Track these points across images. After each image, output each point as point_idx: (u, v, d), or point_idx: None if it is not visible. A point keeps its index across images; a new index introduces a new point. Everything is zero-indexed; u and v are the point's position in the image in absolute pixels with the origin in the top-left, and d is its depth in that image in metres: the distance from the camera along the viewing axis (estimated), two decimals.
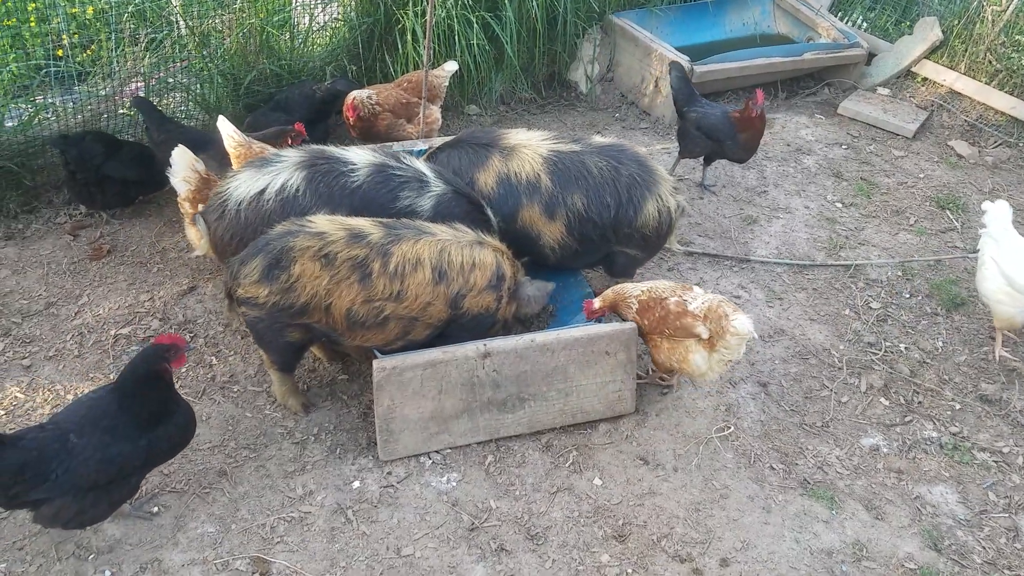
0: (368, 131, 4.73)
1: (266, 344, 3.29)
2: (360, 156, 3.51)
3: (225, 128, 3.84)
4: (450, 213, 3.47)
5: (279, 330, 3.18)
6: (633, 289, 3.53)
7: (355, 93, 4.66)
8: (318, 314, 3.14)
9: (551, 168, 3.67)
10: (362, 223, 3.21)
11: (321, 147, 3.64)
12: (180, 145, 3.78)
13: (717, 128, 4.78)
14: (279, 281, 3.07)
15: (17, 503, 2.55)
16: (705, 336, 3.31)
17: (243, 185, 3.37)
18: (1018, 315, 3.80)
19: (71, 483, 2.54)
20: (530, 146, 3.74)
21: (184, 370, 3.65)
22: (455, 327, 3.32)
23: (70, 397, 3.48)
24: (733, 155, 4.91)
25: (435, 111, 4.81)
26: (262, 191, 3.34)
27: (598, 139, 3.92)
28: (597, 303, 3.55)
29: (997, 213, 3.95)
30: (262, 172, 3.39)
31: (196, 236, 3.65)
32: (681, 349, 3.39)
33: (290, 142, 4.23)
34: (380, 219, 3.28)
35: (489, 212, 3.62)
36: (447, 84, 4.93)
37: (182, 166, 3.72)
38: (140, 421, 2.67)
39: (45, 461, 2.51)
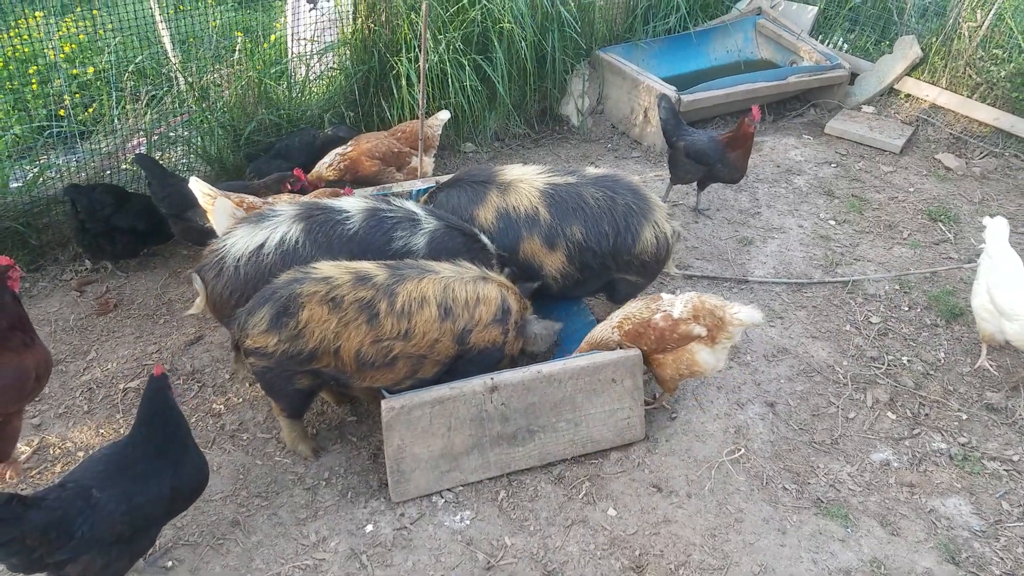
0: (355, 170, 4.77)
1: (275, 393, 3.31)
2: (352, 203, 3.59)
3: (197, 187, 3.90)
4: (444, 247, 3.54)
5: (288, 378, 3.21)
6: (605, 329, 3.57)
7: (326, 159, 4.70)
8: (327, 358, 3.17)
9: (548, 201, 3.75)
10: (367, 266, 3.26)
11: (314, 199, 3.71)
12: (222, 196, 3.84)
13: (706, 153, 4.88)
14: (288, 328, 3.10)
15: (40, 566, 2.53)
16: (704, 334, 3.41)
17: (241, 241, 3.41)
18: (998, 333, 3.86)
19: (96, 538, 2.54)
20: (526, 180, 3.82)
21: (194, 419, 3.67)
22: (463, 363, 3.35)
23: (81, 455, 3.49)
24: (724, 176, 5.00)
25: (427, 162, 4.87)
26: (261, 246, 3.38)
27: (592, 170, 4.00)
28: (583, 347, 3.61)
29: (995, 230, 4.02)
30: (259, 227, 3.44)
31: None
32: (686, 355, 3.47)
33: (289, 187, 4.32)
34: (384, 261, 3.34)
35: (484, 239, 3.67)
36: (440, 133, 5.01)
37: (224, 217, 3.75)
38: (159, 453, 2.69)
39: (69, 519, 2.50)
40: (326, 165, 4.69)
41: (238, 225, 3.52)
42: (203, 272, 3.46)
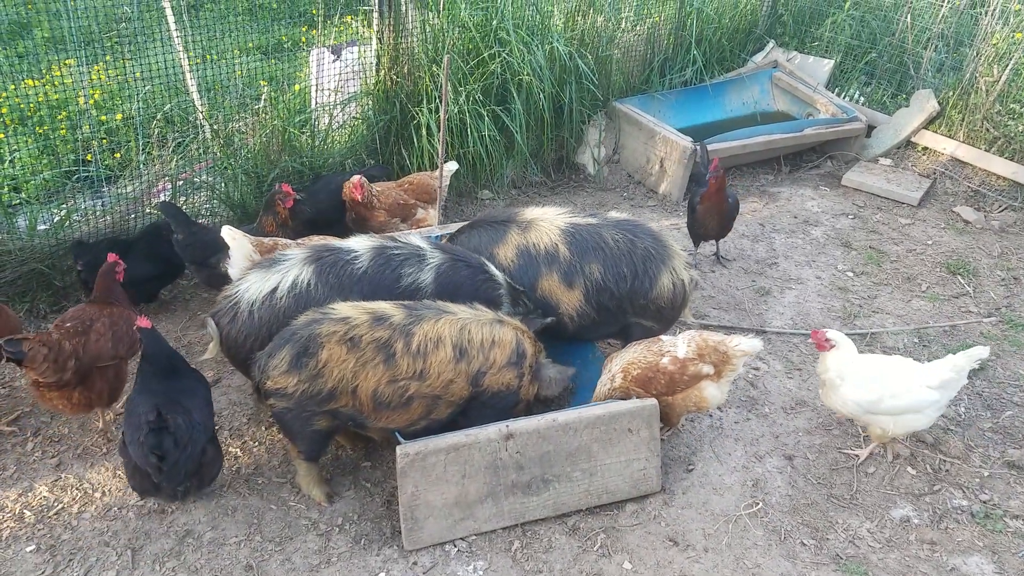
0: (363, 223, 4.76)
1: (294, 434, 3.33)
2: (359, 242, 3.63)
3: (229, 234, 3.95)
4: (451, 280, 3.56)
5: (308, 419, 3.24)
6: (611, 377, 3.55)
7: (361, 177, 4.72)
8: (345, 398, 3.20)
9: (569, 239, 3.79)
10: (384, 306, 3.30)
11: (323, 241, 3.77)
12: (241, 237, 3.90)
13: (691, 205, 5.07)
14: (308, 368, 3.14)
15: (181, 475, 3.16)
16: (712, 372, 3.46)
17: (254, 286, 3.47)
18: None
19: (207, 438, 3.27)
20: (547, 219, 3.88)
21: None
22: (476, 405, 3.36)
23: (98, 495, 3.51)
24: (695, 230, 5.12)
25: (432, 215, 4.90)
26: (274, 290, 3.44)
27: (613, 214, 4.05)
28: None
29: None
30: (271, 272, 3.50)
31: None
32: (695, 393, 3.50)
33: (280, 204, 4.44)
34: (402, 302, 3.38)
35: (491, 269, 3.68)
36: (448, 184, 5.05)
37: (240, 256, 3.82)
38: (178, 374, 3.42)
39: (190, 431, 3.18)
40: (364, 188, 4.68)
41: (250, 271, 3.58)
42: (217, 317, 3.51)
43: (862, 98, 6.91)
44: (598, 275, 3.76)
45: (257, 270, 3.55)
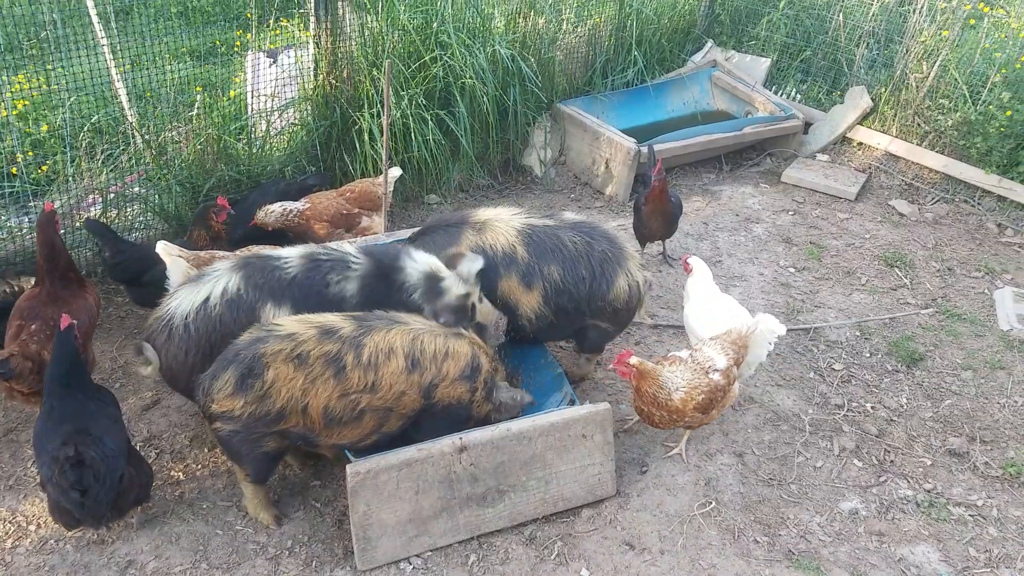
0: (303, 236, 4.61)
1: (241, 457, 3.22)
2: (291, 251, 3.55)
3: (164, 250, 3.84)
4: (374, 293, 3.46)
5: (256, 441, 3.13)
6: (670, 380, 3.47)
7: (275, 206, 4.54)
8: (295, 417, 3.10)
9: (526, 240, 3.75)
10: (332, 319, 3.21)
11: (251, 251, 3.66)
12: (177, 255, 3.78)
13: (636, 205, 5.12)
14: (254, 389, 3.04)
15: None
16: (738, 372, 3.64)
17: (185, 300, 3.35)
18: None
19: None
20: (502, 220, 3.83)
21: (152, 488, 3.53)
22: (427, 418, 3.29)
23: (32, 528, 3.34)
24: (641, 231, 5.15)
25: (377, 222, 4.80)
26: (206, 300, 3.34)
27: (568, 215, 4.03)
28: (634, 360, 3.44)
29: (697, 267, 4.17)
30: (200, 284, 3.40)
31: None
32: (730, 396, 3.61)
33: (214, 217, 4.34)
34: (350, 313, 3.29)
35: (411, 282, 3.52)
36: (392, 191, 4.97)
37: (179, 275, 3.70)
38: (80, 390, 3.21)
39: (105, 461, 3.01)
40: (274, 215, 4.52)
41: (178, 288, 3.47)
42: (152, 338, 3.37)
43: (799, 96, 7.06)
44: (557, 277, 3.73)
45: (184, 286, 3.44)
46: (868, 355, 4.54)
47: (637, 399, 3.53)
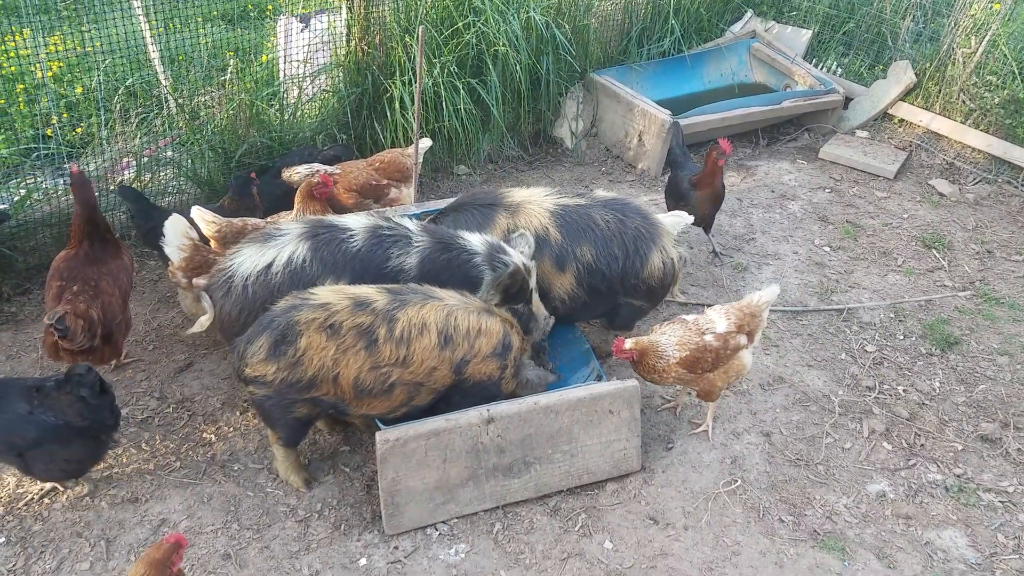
0: (332, 205, 4.59)
1: (273, 422, 3.27)
2: (356, 221, 3.55)
3: (200, 215, 3.89)
4: (434, 265, 3.47)
5: (287, 407, 3.17)
6: (668, 345, 3.47)
7: (301, 168, 4.49)
8: (326, 386, 3.13)
9: (559, 222, 3.73)
10: (366, 291, 3.22)
11: (319, 217, 3.66)
12: (174, 213, 3.80)
13: (678, 187, 4.82)
14: (286, 356, 3.07)
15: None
16: (746, 342, 3.53)
17: (248, 260, 3.39)
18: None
19: None
20: (535, 201, 3.80)
21: (184, 449, 3.61)
22: (457, 393, 3.31)
23: (68, 486, 3.42)
24: (695, 218, 4.84)
25: (405, 194, 4.78)
26: (269, 265, 3.37)
27: (601, 193, 3.99)
28: (629, 344, 3.46)
29: None
30: (267, 246, 3.42)
31: (192, 306, 3.65)
32: (736, 364, 3.56)
33: (254, 190, 4.38)
34: (385, 285, 3.30)
35: (469, 241, 3.54)
36: (421, 162, 4.93)
37: (176, 235, 3.72)
38: None
39: None
40: (299, 175, 4.44)
41: (245, 244, 3.50)
42: (211, 291, 3.43)
43: (840, 69, 6.87)
44: (590, 257, 3.71)
45: (251, 244, 3.47)
46: (902, 337, 4.47)
47: (640, 371, 3.55)
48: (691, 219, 4.11)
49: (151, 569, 2.43)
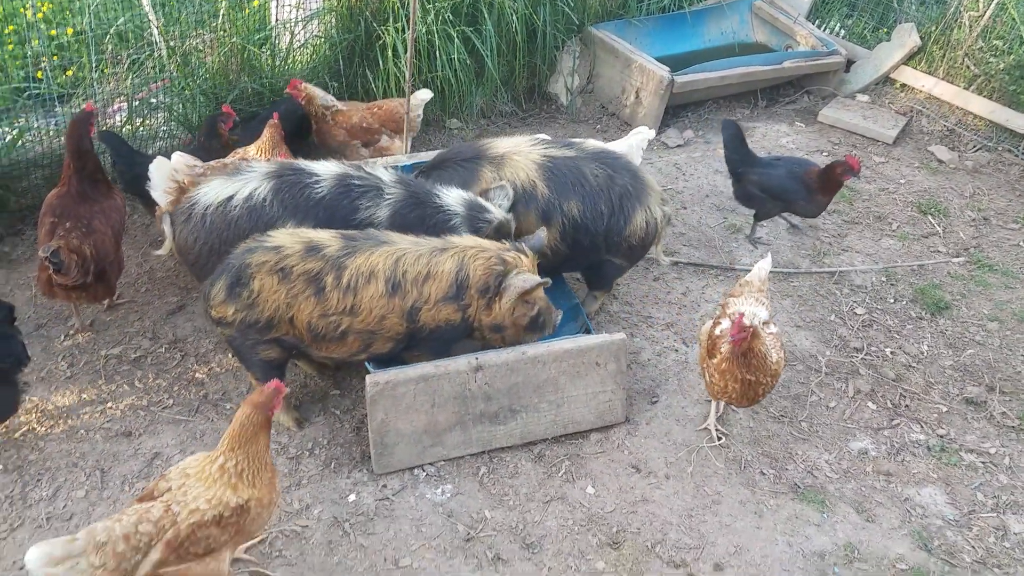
0: (322, 138, 4.78)
1: (245, 361, 3.32)
2: (326, 168, 3.52)
3: (182, 161, 3.74)
4: (406, 220, 3.42)
5: (252, 347, 3.20)
6: (769, 338, 3.27)
7: (317, 90, 4.66)
8: (284, 327, 3.14)
9: (546, 174, 3.66)
10: (322, 236, 3.18)
11: (291, 160, 3.63)
12: (159, 156, 3.73)
13: (786, 190, 4.55)
14: (241, 298, 3.08)
15: None
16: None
17: (212, 192, 3.41)
18: None
19: None
20: (521, 152, 3.72)
21: (176, 388, 3.65)
22: (420, 340, 3.26)
23: (63, 418, 3.47)
24: (804, 213, 4.73)
25: (398, 144, 4.75)
26: (230, 198, 3.37)
27: (591, 143, 3.93)
28: (748, 320, 3.10)
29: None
30: (232, 180, 3.43)
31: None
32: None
33: (222, 126, 4.35)
34: (343, 231, 3.25)
35: (445, 199, 3.47)
36: (421, 116, 4.89)
37: (162, 178, 3.64)
38: None
39: None
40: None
41: (215, 176, 3.50)
42: (174, 216, 3.45)
43: (843, 31, 6.78)
44: (576, 213, 3.66)
45: (221, 177, 3.48)
46: (892, 301, 4.48)
47: (741, 370, 3.14)
48: (652, 134, 4.04)
49: (255, 411, 2.54)
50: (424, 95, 4.87)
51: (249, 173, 3.45)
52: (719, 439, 3.55)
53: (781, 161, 4.80)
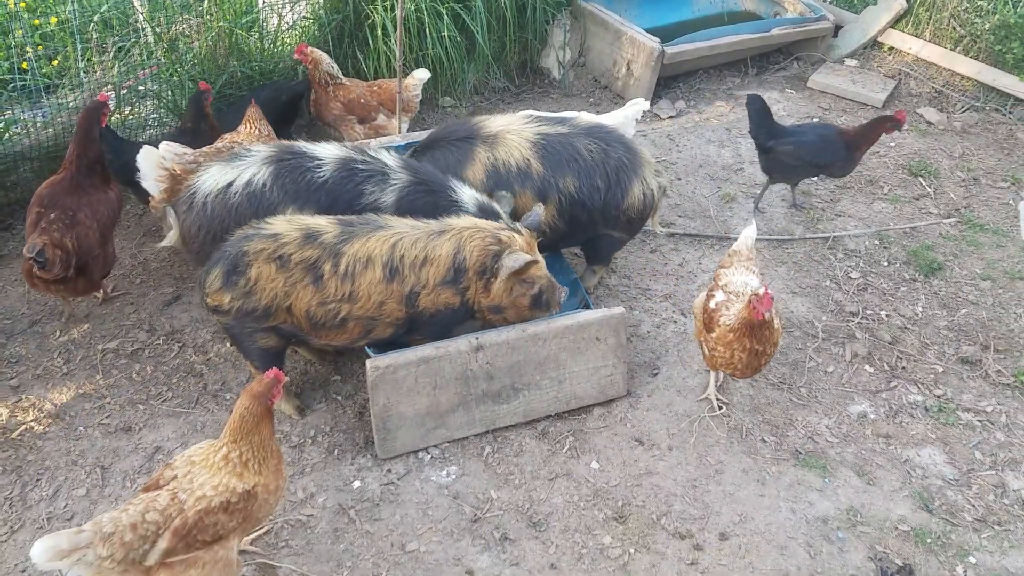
0: (319, 109, 4.78)
1: (243, 350, 3.30)
2: (327, 151, 3.46)
3: (170, 150, 3.64)
4: (413, 205, 3.39)
5: (250, 335, 3.18)
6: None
7: (324, 56, 4.69)
8: (282, 315, 3.12)
9: (541, 152, 3.64)
10: (320, 222, 3.14)
11: (291, 142, 3.59)
12: (146, 145, 3.68)
13: (824, 153, 4.52)
14: (238, 286, 3.06)
15: None
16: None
17: (212, 178, 3.37)
18: None
19: None
20: (514, 131, 3.70)
21: (175, 380, 3.64)
22: (421, 324, 3.25)
23: (61, 415, 3.46)
24: (838, 174, 4.75)
25: (393, 125, 4.74)
26: (229, 184, 3.34)
27: (584, 117, 3.91)
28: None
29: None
30: (231, 166, 3.39)
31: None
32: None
33: (206, 103, 4.34)
34: (341, 217, 3.22)
35: (460, 194, 3.46)
36: (419, 96, 4.85)
37: (151, 167, 3.59)
38: None
39: None
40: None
41: (214, 162, 3.46)
42: (177, 206, 3.42)
43: None
44: (572, 189, 3.65)
45: (220, 162, 3.43)
46: (886, 264, 4.51)
47: (751, 339, 3.11)
48: (647, 105, 4.05)
49: (254, 401, 2.54)
50: (422, 75, 4.84)
51: (248, 158, 3.40)
52: (720, 408, 3.59)
53: (805, 128, 4.78)
